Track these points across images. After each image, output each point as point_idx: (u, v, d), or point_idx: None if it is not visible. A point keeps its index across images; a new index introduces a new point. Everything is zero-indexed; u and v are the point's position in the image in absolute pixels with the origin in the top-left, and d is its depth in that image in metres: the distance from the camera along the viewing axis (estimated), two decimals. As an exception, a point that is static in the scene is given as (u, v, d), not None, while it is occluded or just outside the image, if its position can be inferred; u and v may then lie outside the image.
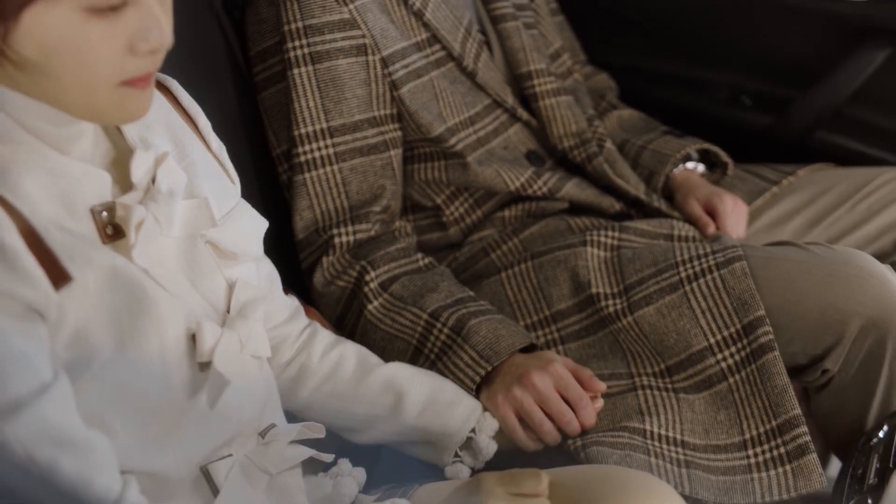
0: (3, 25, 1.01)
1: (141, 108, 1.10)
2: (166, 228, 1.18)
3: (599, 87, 2.23)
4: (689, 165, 2.05)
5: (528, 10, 2.02)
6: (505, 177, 1.84)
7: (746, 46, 2.38)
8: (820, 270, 1.63)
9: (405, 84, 1.77)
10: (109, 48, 1.03)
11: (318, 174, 1.73)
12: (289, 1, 1.71)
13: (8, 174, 1.06)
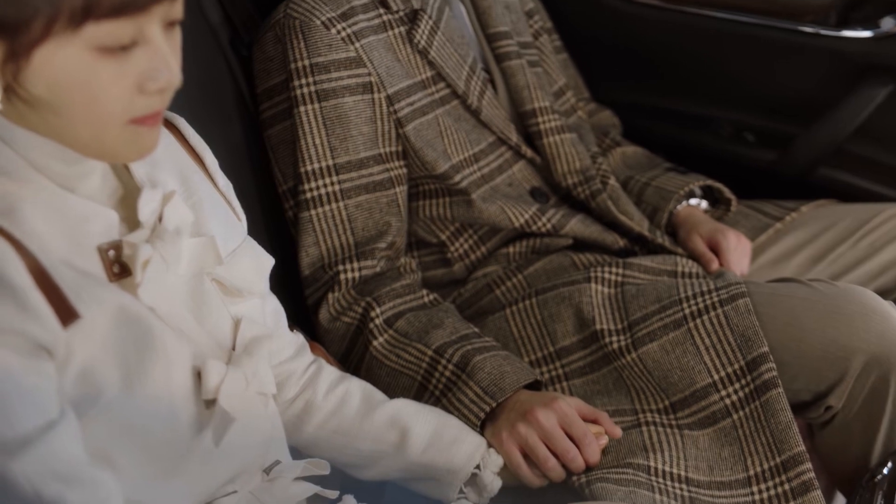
0: (15, 64, 1.03)
1: (149, 146, 1.12)
2: (173, 266, 1.19)
3: (603, 123, 2.24)
4: (693, 202, 2.06)
5: (532, 49, 2.03)
6: (509, 213, 1.85)
7: (749, 83, 2.40)
8: (823, 307, 1.64)
9: (410, 122, 1.78)
10: (119, 87, 1.04)
11: (324, 211, 1.74)
12: (295, 39, 1.73)
13: (17, 212, 1.07)
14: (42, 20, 0.99)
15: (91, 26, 1.00)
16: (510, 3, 2.04)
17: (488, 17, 1.96)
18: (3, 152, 1.10)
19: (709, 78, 2.44)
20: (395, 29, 1.80)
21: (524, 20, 2.06)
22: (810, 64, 2.31)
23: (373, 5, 1.80)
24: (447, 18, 1.86)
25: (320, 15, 1.73)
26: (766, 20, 2.33)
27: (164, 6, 1.04)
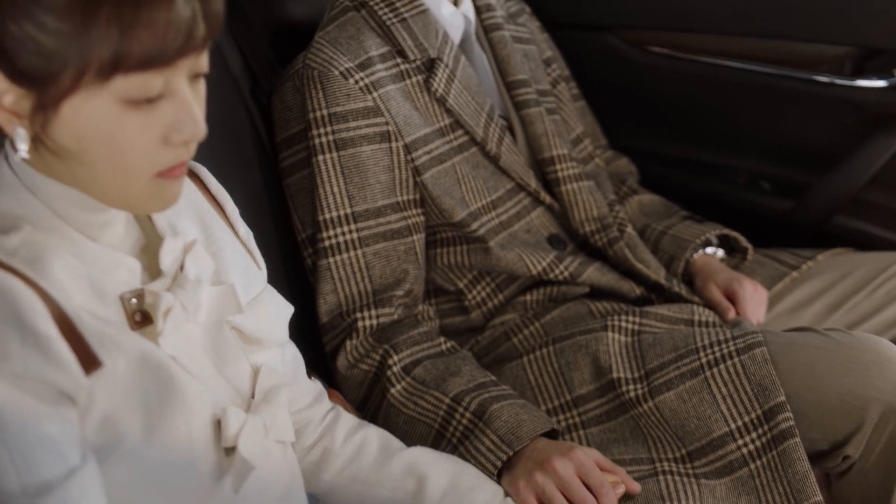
0: (43, 115, 1.04)
1: (172, 197, 1.13)
2: (193, 315, 1.20)
3: (620, 171, 2.25)
4: (709, 251, 2.06)
5: (550, 96, 2.05)
6: (527, 261, 1.85)
7: (765, 132, 2.41)
8: (839, 357, 1.64)
9: (428, 170, 1.79)
10: (144, 139, 1.06)
11: (342, 258, 1.75)
12: (314, 89, 1.75)
13: (42, 261, 1.09)
14: (71, 72, 1.01)
15: (119, 79, 1.02)
16: (529, 51, 2.06)
17: (507, 66, 1.98)
18: (29, 201, 1.11)
19: (725, 126, 2.45)
20: (412, 78, 1.82)
21: (542, 68, 2.08)
22: (825, 113, 2.32)
23: (390, 55, 1.82)
24: (464, 66, 1.88)
25: (338, 65, 1.75)
26: (781, 70, 2.35)
27: (191, 59, 1.06)
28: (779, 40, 2.35)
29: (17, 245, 1.08)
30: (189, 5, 1.03)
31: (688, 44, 2.44)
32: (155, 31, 1.01)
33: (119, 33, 1.00)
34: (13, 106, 1.06)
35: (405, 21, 1.83)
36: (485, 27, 1.98)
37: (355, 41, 1.79)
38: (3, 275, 1.05)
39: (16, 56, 1.02)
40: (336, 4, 1.87)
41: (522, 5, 2.16)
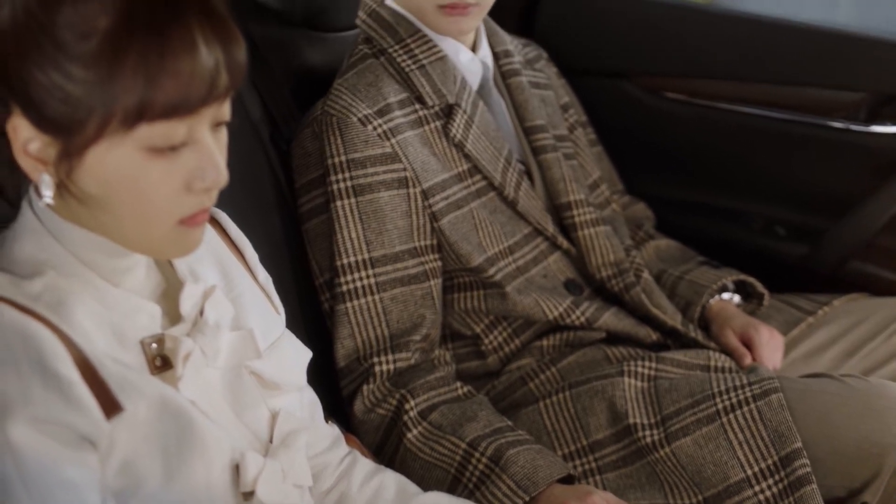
0: (69, 162, 1.06)
1: (194, 244, 1.14)
2: (212, 360, 1.21)
3: (637, 216, 2.26)
4: (725, 296, 2.07)
5: (567, 142, 2.06)
6: (544, 306, 1.86)
7: (780, 177, 2.41)
8: (856, 403, 1.64)
9: (445, 215, 1.80)
10: (167, 186, 1.08)
11: (360, 304, 1.76)
12: (333, 135, 1.76)
13: (64, 306, 1.10)
14: (96, 121, 1.03)
15: (143, 127, 1.04)
16: (546, 96, 2.07)
17: (525, 111, 1.99)
18: (53, 247, 1.13)
19: (740, 172, 2.45)
20: (431, 123, 1.84)
21: (560, 114, 2.09)
22: (840, 159, 2.32)
23: (409, 101, 1.83)
24: (482, 112, 1.89)
25: (357, 112, 1.77)
26: (796, 116, 2.36)
27: (214, 108, 1.07)
28: (794, 86, 2.36)
29: (40, 290, 1.10)
30: (212, 55, 1.04)
31: (703, 90, 2.46)
32: (179, 80, 1.03)
33: (144, 82, 1.02)
34: (39, 153, 1.08)
35: (423, 68, 1.84)
36: (503, 73, 2.00)
37: (374, 88, 1.81)
38: (26, 319, 1.07)
39: (42, 104, 1.04)
40: (355, 51, 1.89)
41: (540, 51, 2.18)
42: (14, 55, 1.04)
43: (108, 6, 1.03)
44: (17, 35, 1.04)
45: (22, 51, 1.04)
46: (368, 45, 1.88)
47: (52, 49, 1.03)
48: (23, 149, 1.08)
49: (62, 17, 1.02)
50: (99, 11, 1.02)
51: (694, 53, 2.45)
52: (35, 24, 1.03)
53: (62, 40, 1.02)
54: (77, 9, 1.02)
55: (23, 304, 1.08)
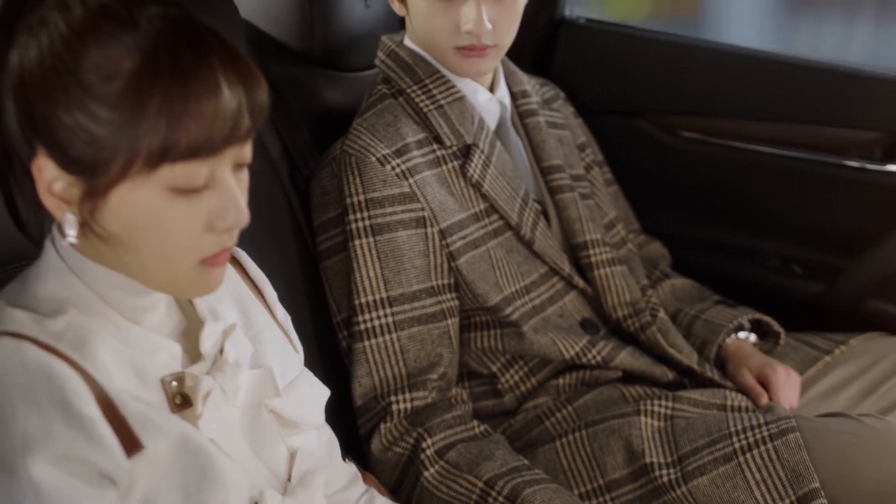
0: (92, 202, 1.07)
1: (214, 284, 1.15)
2: (232, 398, 1.22)
3: (653, 255, 2.26)
4: (742, 335, 2.06)
5: (584, 181, 2.07)
6: (560, 345, 1.86)
7: (796, 216, 2.41)
8: (873, 443, 1.64)
9: (463, 255, 1.81)
10: (189, 226, 1.09)
11: (377, 342, 1.76)
12: (351, 175, 1.78)
13: (86, 344, 1.11)
14: (121, 161, 1.04)
15: (166, 168, 1.05)
16: (563, 136, 2.08)
17: (542, 151, 2.00)
18: (75, 285, 1.14)
19: (756, 210, 2.46)
20: (448, 163, 1.85)
21: (576, 153, 2.10)
22: (856, 197, 2.33)
23: (427, 141, 1.85)
24: (499, 152, 1.91)
25: (375, 152, 1.78)
26: (811, 155, 2.36)
27: (235, 149, 1.09)
28: (809, 125, 2.37)
29: (62, 328, 1.11)
30: (235, 97, 1.06)
31: (719, 129, 2.46)
32: (202, 122, 1.04)
33: (168, 124, 1.03)
34: (63, 193, 1.09)
35: (442, 108, 1.86)
36: (520, 113, 2.01)
37: (392, 128, 1.82)
38: (49, 358, 1.08)
39: (67, 145, 1.06)
40: (373, 91, 1.91)
41: (557, 91, 2.19)
42: (40, 97, 1.06)
43: (132, 49, 1.04)
44: (44, 77, 1.05)
45: (48, 92, 1.05)
46: (387, 85, 1.90)
47: (77, 91, 1.04)
48: (47, 188, 1.09)
49: (88, 59, 1.04)
50: (124, 54, 1.04)
51: (709, 92, 2.46)
52: (61, 67, 1.04)
53: (88, 82, 1.04)
54: (102, 51, 1.04)
55: (45, 343, 1.09)
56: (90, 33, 1.05)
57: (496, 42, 1.82)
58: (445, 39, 1.82)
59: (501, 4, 1.80)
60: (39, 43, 1.06)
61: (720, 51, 2.50)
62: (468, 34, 1.80)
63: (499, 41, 1.83)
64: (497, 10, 1.80)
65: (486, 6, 1.78)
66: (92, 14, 1.06)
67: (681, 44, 2.56)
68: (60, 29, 1.05)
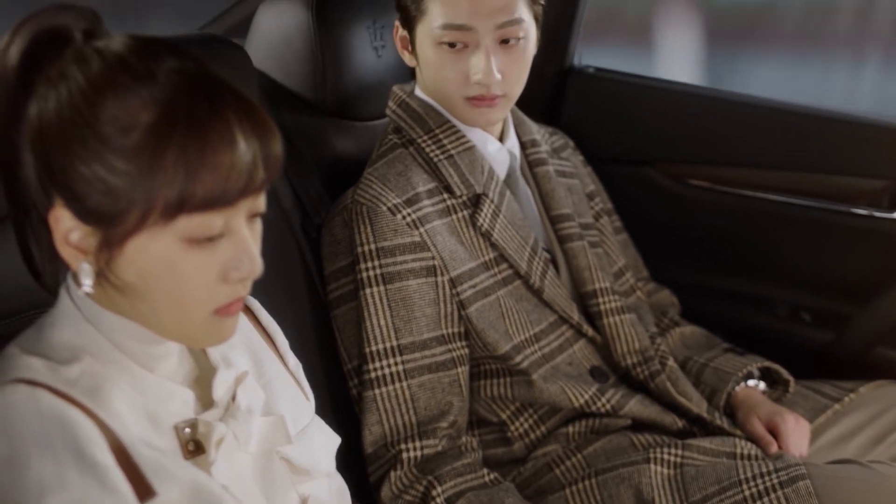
0: (108, 252, 1.09)
1: (228, 332, 1.17)
2: (244, 445, 1.23)
3: (662, 303, 2.26)
4: (751, 383, 2.06)
5: (593, 230, 2.08)
6: (569, 394, 1.87)
7: (804, 264, 2.42)
8: (884, 490, 1.64)
9: (473, 304, 1.82)
10: (204, 276, 1.10)
11: (388, 390, 1.77)
12: (362, 224, 1.79)
13: (101, 391, 1.12)
14: (137, 212, 1.06)
15: (182, 219, 1.06)
16: (572, 185, 2.10)
17: (551, 200, 2.01)
18: (90, 333, 1.15)
19: (764, 258, 2.47)
20: (458, 213, 1.86)
21: (585, 202, 2.11)
22: (865, 245, 2.34)
23: (437, 191, 1.87)
24: (509, 201, 1.92)
25: (386, 201, 1.80)
26: (819, 203, 2.38)
27: (250, 200, 1.10)
28: (817, 173, 2.38)
29: (77, 375, 1.12)
30: (250, 149, 1.07)
31: (727, 177, 2.48)
32: (218, 173, 1.05)
33: (184, 176, 1.05)
34: (80, 243, 1.10)
35: (452, 158, 1.88)
36: (529, 162, 2.03)
37: (403, 177, 1.84)
38: (63, 405, 1.08)
39: (85, 196, 1.07)
40: (384, 140, 1.92)
41: (566, 140, 2.21)
42: (58, 148, 1.07)
43: (149, 101, 1.06)
44: (62, 129, 1.07)
45: (66, 144, 1.07)
46: (398, 134, 1.92)
47: (95, 143, 1.06)
48: (64, 239, 1.11)
49: (106, 112, 1.06)
50: (141, 107, 1.06)
51: (717, 141, 2.48)
52: (80, 119, 1.06)
53: (105, 134, 1.06)
54: (120, 104, 1.06)
55: (60, 390, 1.10)
56: (108, 86, 1.06)
57: (505, 92, 1.84)
58: (455, 89, 1.85)
59: (511, 55, 1.82)
60: (58, 95, 1.07)
61: (728, 99, 2.52)
62: (478, 84, 1.82)
63: (508, 91, 1.85)
64: (506, 61, 1.82)
65: (496, 56, 1.80)
66: (110, 67, 1.07)
67: (689, 93, 2.58)
68: (79, 82, 1.07)
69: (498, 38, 1.80)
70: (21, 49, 1.10)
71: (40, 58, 1.10)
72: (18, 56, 1.10)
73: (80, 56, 1.09)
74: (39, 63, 1.10)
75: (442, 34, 1.81)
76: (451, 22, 1.79)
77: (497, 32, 1.80)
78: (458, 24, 1.79)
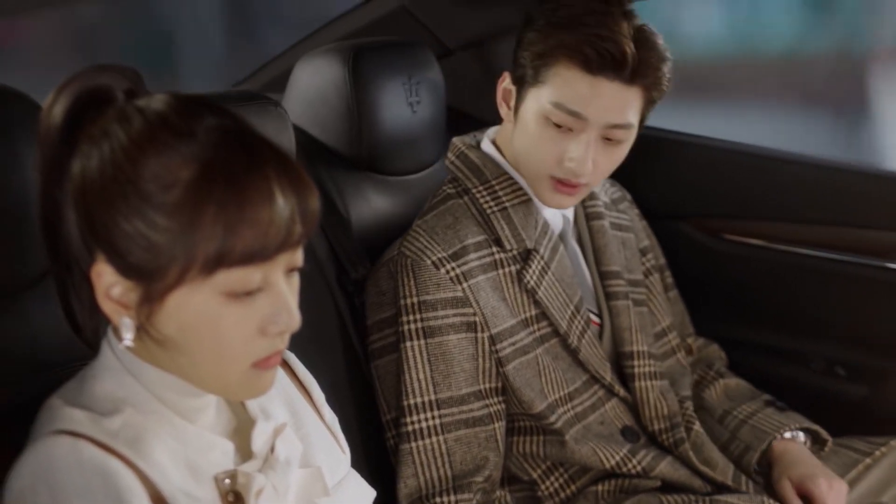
0: (149, 306, 1.11)
1: (265, 387, 1.18)
2: (282, 496, 1.24)
3: (710, 357, 2.23)
4: (788, 435, 2.02)
5: (641, 287, 2.06)
6: (601, 455, 1.85)
7: (840, 318, 2.41)
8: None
9: (511, 361, 1.82)
10: (243, 330, 1.12)
11: (424, 444, 1.77)
12: (406, 277, 1.80)
13: (142, 443, 1.14)
14: (178, 268, 1.08)
15: (222, 273, 1.08)
16: (626, 239, 2.08)
17: (603, 255, 1.99)
18: (131, 385, 1.17)
19: (799, 312, 2.46)
20: (506, 267, 1.86)
21: (637, 257, 2.09)
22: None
23: (486, 243, 1.86)
24: (560, 257, 1.90)
25: (431, 255, 1.80)
26: (854, 257, 2.37)
27: (288, 255, 1.12)
28: (851, 228, 2.38)
29: (118, 427, 1.13)
30: (288, 205, 1.09)
31: (762, 232, 2.48)
32: (257, 229, 1.07)
33: (224, 231, 1.06)
34: (121, 298, 1.12)
35: (506, 210, 1.87)
36: (587, 214, 2.01)
37: (451, 230, 1.84)
38: (105, 456, 1.10)
39: (126, 252, 1.09)
40: (439, 192, 1.92)
41: (624, 192, 2.18)
42: (100, 205, 1.09)
43: (189, 159, 1.08)
44: (104, 185, 1.09)
45: (108, 200, 1.09)
46: (453, 185, 1.91)
47: (136, 199, 1.08)
48: (106, 294, 1.12)
49: (147, 169, 1.08)
50: (181, 164, 1.08)
51: (752, 196, 2.48)
52: (122, 176, 1.08)
53: (147, 191, 1.08)
54: (161, 161, 1.08)
55: (102, 441, 1.11)
56: (149, 144, 1.09)
57: (589, 182, 1.82)
58: (545, 168, 1.81)
59: (608, 153, 1.80)
60: (101, 153, 1.10)
61: (762, 155, 2.52)
62: (569, 169, 1.79)
63: (592, 181, 1.82)
64: (603, 154, 1.79)
65: (595, 147, 1.78)
66: (151, 125, 1.10)
67: (723, 148, 2.58)
68: (121, 140, 1.09)
69: (603, 135, 1.78)
70: (65, 108, 1.12)
71: (83, 116, 1.13)
72: (62, 115, 1.12)
73: (122, 114, 1.11)
74: (82, 121, 1.12)
75: (552, 112, 1.77)
76: (566, 105, 1.76)
77: (606, 130, 1.77)
78: (573, 111, 1.75)
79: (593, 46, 1.71)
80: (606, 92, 1.74)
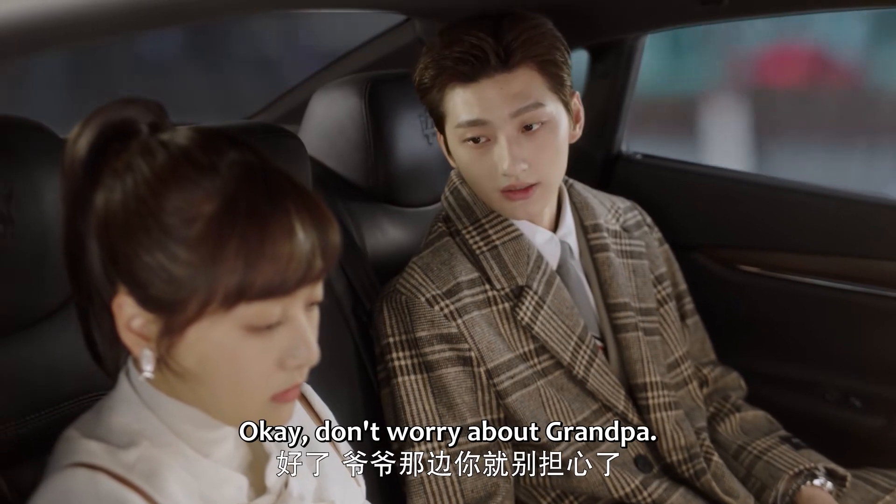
0: (169, 339, 1.11)
1: (284, 418, 1.19)
2: None
3: (728, 386, 2.21)
4: (817, 482, 1.98)
5: (653, 316, 2.04)
6: (611, 485, 1.84)
7: (854, 349, 2.41)
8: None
9: (511, 394, 1.81)
10: (262, 363, 1.12)
11: (434, 474, 1.77)
12: (402, 313, 1.81)
13: (157, 476, 1.14)
14: (198, 301, 1.08)
15: (242, 307, 1.09)
16: (638, 267, 2.05)
17: (609, 287, 1.97)
18: (148, 418, 1.17)
19: (813, 343, 2.46)
20: (499, 304, 1.85)
21: (650, 285, 2.06)
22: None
23: (479, 281, 1.85)
24: (557, 290, 1.89)
25: (425, 292, 1.81)
26: (868, 288, 2.37)
27: (308, 289, 1.13)
28: (865, 259, 2.38)
29: (134, 460, 1.14)
30: (309, 240, 1.10)
31: (775, 262, 2.48)
32: (278, 263, 1.08)
33: (245, 265, 1.07)
34: (142, 329, 1.13)
35: (496, 249, 1.87)
36: (590, 247, 1.99)
37: (446, 267, 1.84)
38: (121, 489, 1.11)
39: (148, 284, 1.10)
40: (434, 228, 1.93)
41: (643, 216, 2.16)
42: (123, 237, 1.10)
43: (212, 193, 1.09)
44: (127, 219, 1.10)
45: (130, 233, 1.10)
46: (446, 223, 1.92)
47: (158, 233, 1.09)
48: (127, 325, 1.13)
49: (170, 203, 1.09)
50: (204, 198, 1.09)
51: (765, 226, 2.49)
52: (144, 210, 1.09)
53: (169, 225, 1.09)
54: (184, 196, 1.09)
55: (118, 474, 1.12)
56: (172, 178, 1.10)
57: (539, 179, 1.81)
58: (488, 184, 1.83)
59: (535, 141, 1.79)
60: (124, 186, 1.11)
61: (775, 185, 2.54)
62: (505, 176, 1.79)
63: (542, 178, 1.81)
64: (531, 148, 1.79)
65: (518, 145, 1.78)
66: (174, 160, 1.11)
67: (736, 179, 2.60)
68: (144, 173, 1.10)
69: (518, 126, 1.79)
70: (89, 141, 1.13)
71: (107, 150, 1.14)
72: (87, 148, 1.13)
73: (145, 148, 1.12)
74: (106, 155, 1.13)
75: (464, 132, 1.80)
76: (465, 119, 1.79)
77: (515, 121, 1.78)
78: (472, 120, 1.78)
79: (460, 60, 1.77)
80: (490, 88, 1.78)
